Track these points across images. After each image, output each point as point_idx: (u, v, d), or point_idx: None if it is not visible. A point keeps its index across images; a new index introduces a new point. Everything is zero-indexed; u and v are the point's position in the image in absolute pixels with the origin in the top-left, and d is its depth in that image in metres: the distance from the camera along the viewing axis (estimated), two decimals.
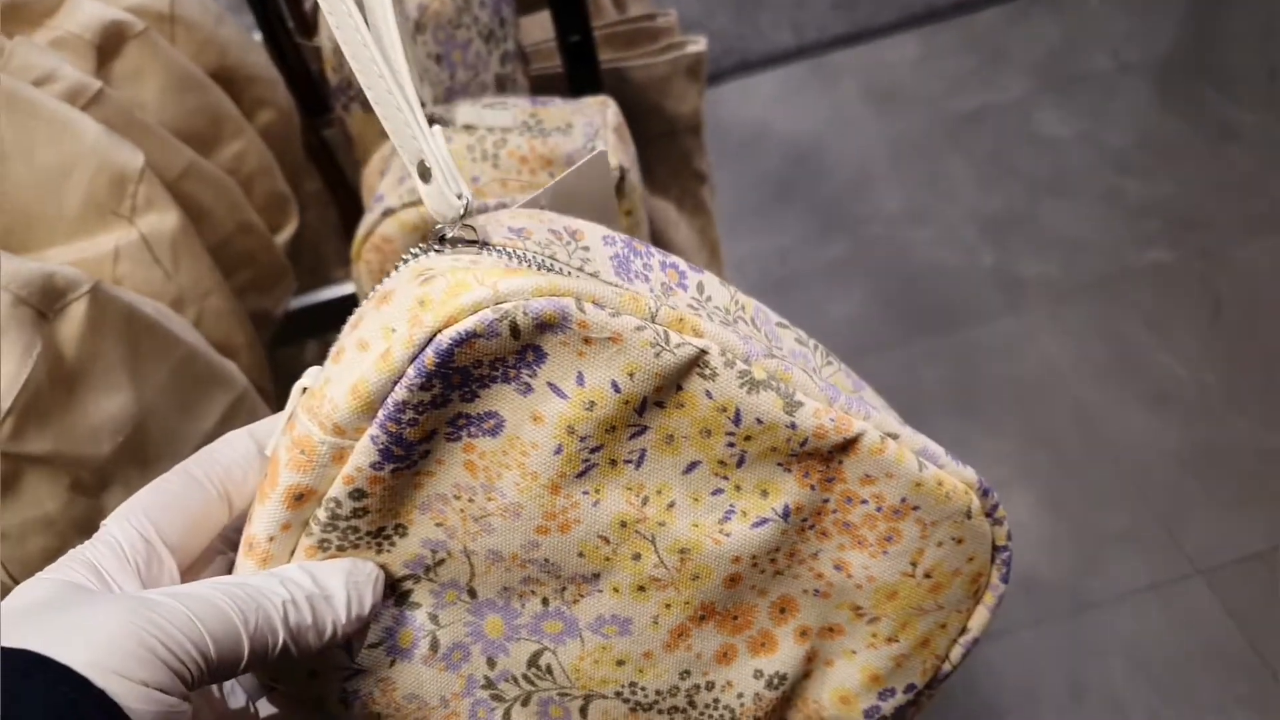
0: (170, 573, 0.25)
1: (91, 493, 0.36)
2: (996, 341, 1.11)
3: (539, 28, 0.73)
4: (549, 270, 0.24)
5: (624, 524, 0.25)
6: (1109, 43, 1.40)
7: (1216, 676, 0.87)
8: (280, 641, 0.24)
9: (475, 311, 0.22)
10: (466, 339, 0.22)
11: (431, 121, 0.49)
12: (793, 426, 0.25)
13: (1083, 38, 1.41)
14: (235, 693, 0.27)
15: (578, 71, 0.63)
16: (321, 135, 0.68)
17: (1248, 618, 0.90)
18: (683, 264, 0.28)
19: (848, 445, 0.26)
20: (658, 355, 0.23)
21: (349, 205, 0.69)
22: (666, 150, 0.75)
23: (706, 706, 0.29)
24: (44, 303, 0.34)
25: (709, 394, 0.24)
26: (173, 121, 0.48)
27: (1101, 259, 1.16)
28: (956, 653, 0.30)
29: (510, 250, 0.25)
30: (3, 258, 0.34)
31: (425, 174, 0.25)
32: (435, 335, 0.22)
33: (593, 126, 0.49)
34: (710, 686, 0.29)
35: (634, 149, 0.52)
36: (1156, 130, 1.30)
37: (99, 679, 0.20)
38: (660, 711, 0.28)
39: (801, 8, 1.53)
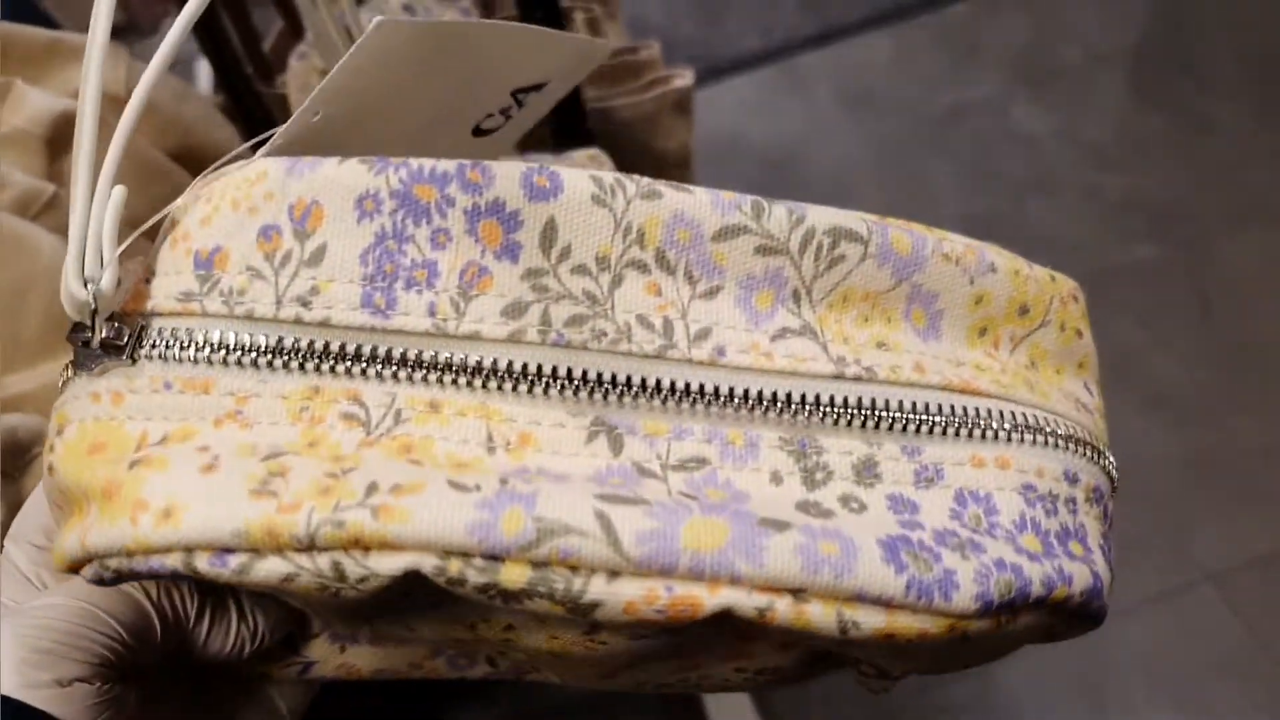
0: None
1: None
2: None
3: None
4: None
5: None
6: (1080, 35, 1.38)
7: (1233, 685, 0.86)
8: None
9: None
10: None
11: None
12: None
13: (1054, 30, 1.39)
14: None
15: (562, 116, 0.60)
16: None
17: (1260, 622, 0.89)
18: (500, 193, 0.20)
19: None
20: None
21: None
22: None
23: None
24: (5, 462, 0.30)
25: None
26: (134, 214, 0.44)
27: (1088, 257, 1.14)
28: None
29: (172, 378, 0.20)
30: None
31: (78, 254, 0.20)
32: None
33: None
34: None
35: None
36: (1133, 123, 1.28)
37: (14, 694, 0.20)
38: None
39: (768, 9, 1.49)
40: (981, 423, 0.22)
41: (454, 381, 0.20)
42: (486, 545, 0.17)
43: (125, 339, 0.20)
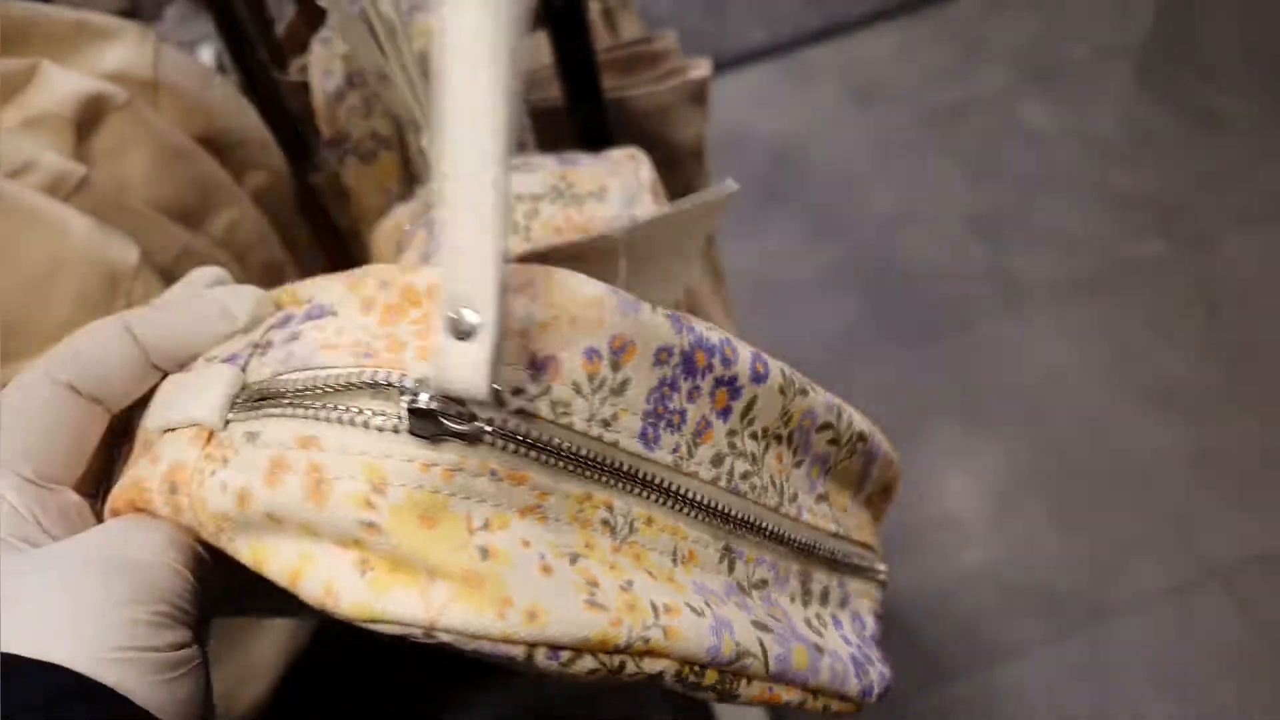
0: (75, 508, 0.23)
1: None
2: (995, 344, 1.09)
3: (525, 53, 0.69)
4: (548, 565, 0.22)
5: None
6: (1087, 30, 1.38)
7: (1240, 684, 0.86)
8: None
9: None
10: None
11: None
12: None
13: (1061, 25, 1.39)
14: None
15: (581, 105, 0.60)
16: (307, 182, 0.64)
17: (1267, 621, 0.89)
18: (738, 370, 0.26)
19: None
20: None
21: (338, 256, 0.65)
22: (669, 178, 0.72)
23: None
24: None
25: None
26: (161, 197, 0.43)
27: (1096, 254, 1.15)
28: None
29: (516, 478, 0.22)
30: None
31: (466, 333, 0.19)
32: None
33: (629, 190, 0.45)
34: None
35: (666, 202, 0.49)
36: (1140, 119, 1.28)
37: (97, 670, 0.18)
38: None
39: (774, 3, 1.49)
40: (866, 564, 0.32)
41: (661, 502, 0.25)
42: (712, 661, 0.24)
43: (494, 426, 0.22)
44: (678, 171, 0.73)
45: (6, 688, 0.18)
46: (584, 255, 0.31)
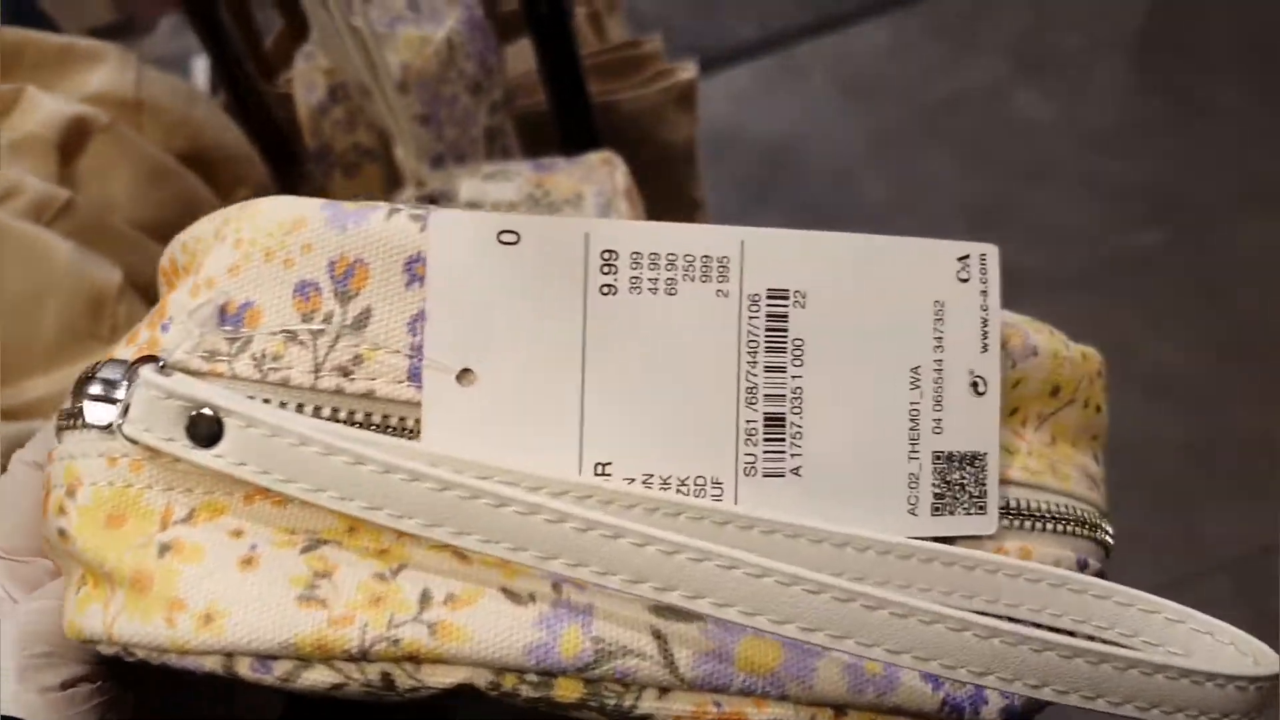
0: (49, 575, 0.23)
1: None
2: None
3: (512, 57, 0.69)
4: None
5: None
6: (1080, 20, 1.38)
7: None
8: None
9: None
10: None
11: (433, 199, 0.46)
12: None
13: (1052, 16, 1.39)
14: None
15: (567, 112, 0.60)
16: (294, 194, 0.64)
17: (1273, 612, 0.89)
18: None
19: None
20: None
21: None
22: (660, 181, 0.72)
23: None
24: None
25: None
26: (145, 217, 0.44)
27: (1090, 245, 1.14)
28: None
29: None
30: None
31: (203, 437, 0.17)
32: None
33: (604, 195, 0.45)
34: None
35: (644, 211, 0.49)
36: (1134, 108, 1.28)
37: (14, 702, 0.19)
38: None
39: None
40: (1010, 513, 0.22)
41: None
42: (544, 666, 0.18)
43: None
44: (669, 174, 0.73)
45: None
46: None
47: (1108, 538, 0.25)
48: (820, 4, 1.46)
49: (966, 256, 0.23)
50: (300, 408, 0.19)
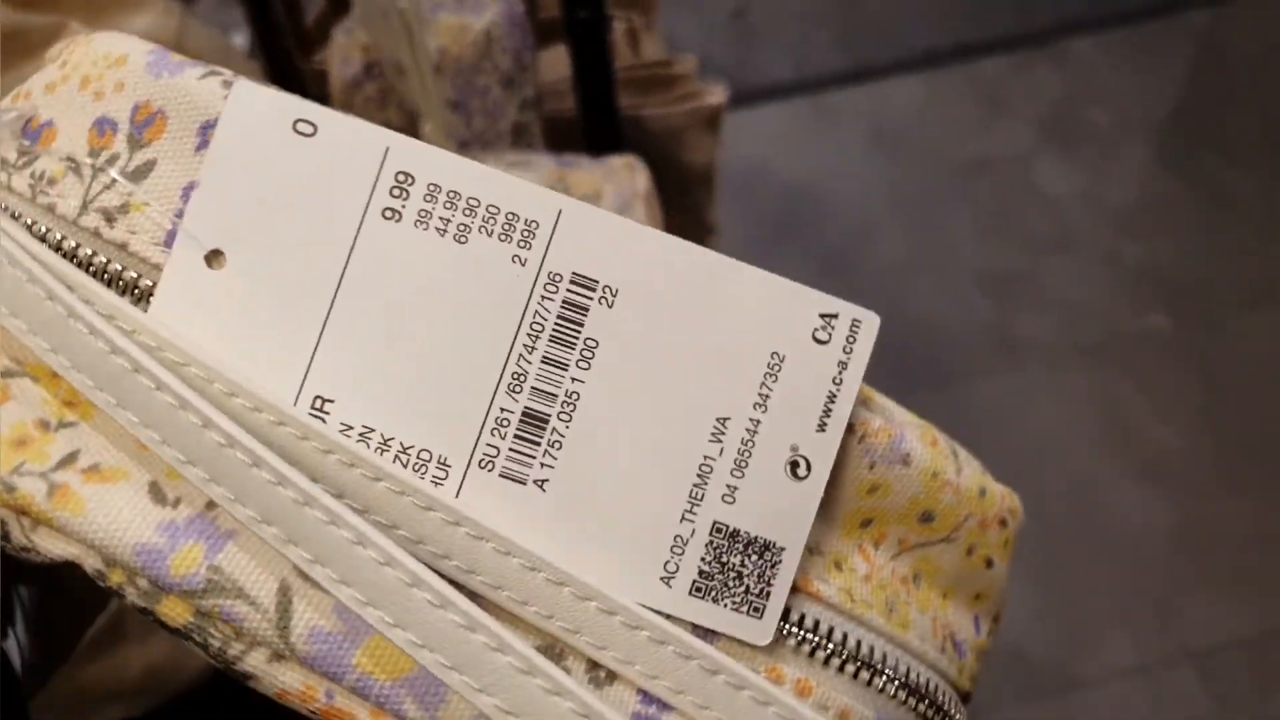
0: None
1: None
2: (991, 402, 1.09)
3: (546, 63, 0.69)
4: None
5: None
6: (1111, 99, 1.38)
7: None
8: None
9: None
10: None
11: None
12: None
13: (1085, 93, 1.40)
14: None
15: (595, 121, 0.60)
16: None
17: (1238, 707, 0.88)
18: None
19: None
20: None
21: None
22: (677, 202, 0.72)
23: None
24: None
25: None
26: None
27: (1099, 322, 1.14)
28: None
29: None
30: None
31: None
32: None
33: (623, 196, 0.45)
34: None
35: (662, 216, 0.49)
36: (1156, 192, 1.29)
37: None
38: None
39: (802, 41, 1.50)
40: (802, 633, 0.18)
41: None
42: (150, 573, 0.16)
43: None
44: (687, 195, 0.73)
45: None
46: None
47: (952, 718, 0.20)
48: (859, 53, 1.47)
49: (834, 316, 0.20)
50: (61, 240, 0.18)
